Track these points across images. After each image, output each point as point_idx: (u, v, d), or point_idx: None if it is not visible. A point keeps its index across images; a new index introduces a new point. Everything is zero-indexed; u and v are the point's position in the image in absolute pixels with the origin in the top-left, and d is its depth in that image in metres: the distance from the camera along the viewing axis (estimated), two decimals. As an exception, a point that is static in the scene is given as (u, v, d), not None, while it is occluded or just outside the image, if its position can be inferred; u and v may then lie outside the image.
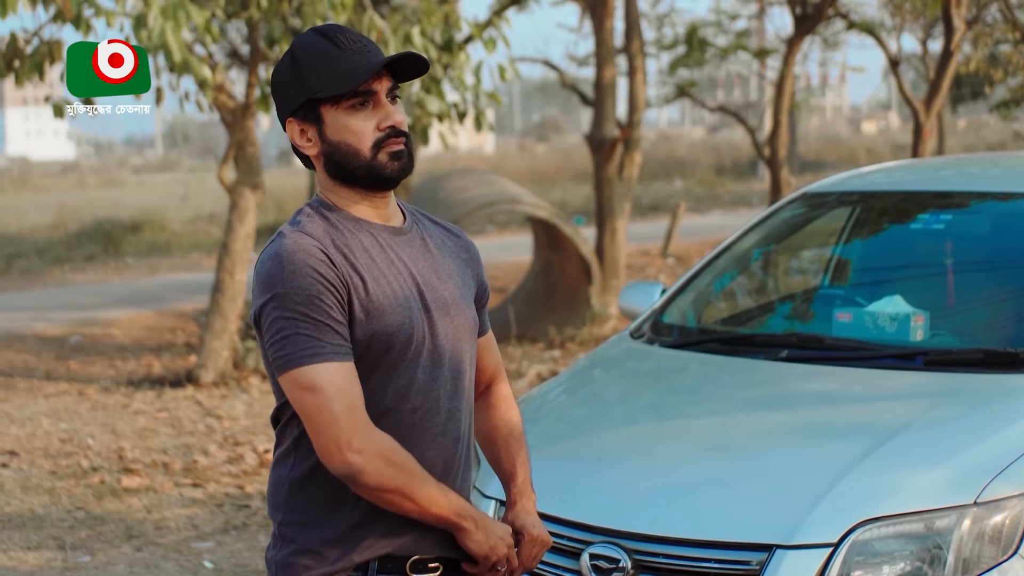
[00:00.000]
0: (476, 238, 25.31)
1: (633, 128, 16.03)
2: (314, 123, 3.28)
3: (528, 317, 15.80)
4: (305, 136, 3.31)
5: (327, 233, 3.27)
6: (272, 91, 3.37)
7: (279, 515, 3.41)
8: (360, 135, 3.25)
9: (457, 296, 3.43)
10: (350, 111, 3.25)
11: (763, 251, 6.75)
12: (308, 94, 3.25)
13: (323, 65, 3.23)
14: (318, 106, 3.26)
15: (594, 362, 5.83)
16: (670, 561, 4.14)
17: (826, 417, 4.82)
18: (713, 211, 31.21)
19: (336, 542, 3.33)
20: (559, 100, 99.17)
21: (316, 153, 3.32)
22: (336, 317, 3.19)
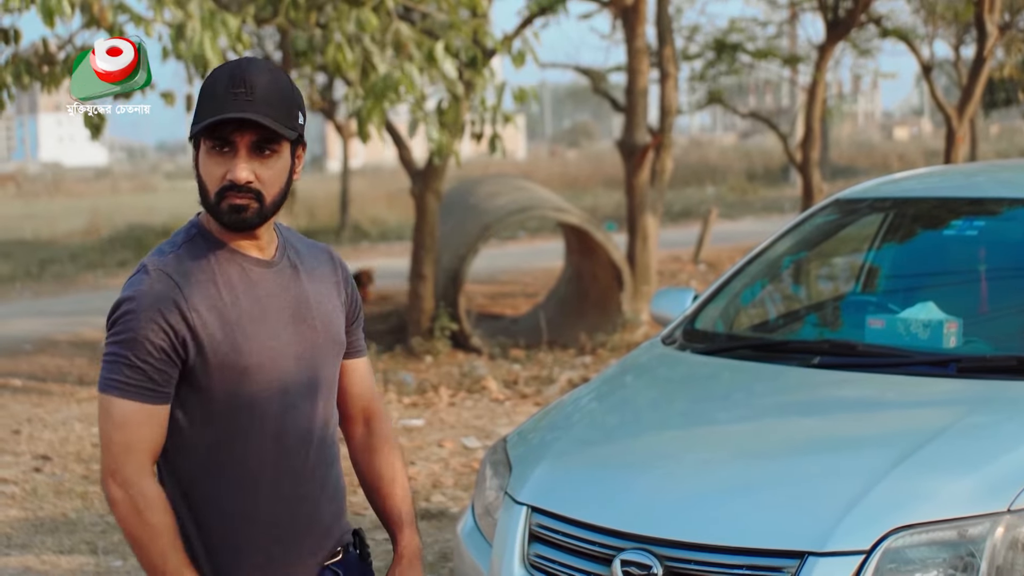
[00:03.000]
0: (507, 244, 25.35)
1: (665, 134, 16.01)
2: (196, 150, 3.31)
3: (559, 323, 15.80)
4: (196, 161, 3.33)
5: (191, 271, 3.30)
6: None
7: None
8: (210, 178, 3.27)
9: (326, 323, 3.48)
10: (210, 152, 3.26)
11: (795, 258, 6.74)
12: (193, 124, 3.28)
13: (206, 99, 3.26)
14: (201, 137, 3.28)
15: (625, 368, 5.82)
16: (702, 568, 4.13)
17: (858, 424, 4.80)
18: (745, 217, 31.14)
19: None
20: (590, 106, 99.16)
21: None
22: (157, 362, 3.24)
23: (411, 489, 8.72)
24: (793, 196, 31.85)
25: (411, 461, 10.16)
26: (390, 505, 3.83)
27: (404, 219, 28.92)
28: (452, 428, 11.30)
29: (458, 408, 12.14)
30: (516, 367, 13.90)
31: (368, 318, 17.28)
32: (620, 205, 25.77)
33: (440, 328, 14.73)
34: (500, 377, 13.25)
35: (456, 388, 12.90)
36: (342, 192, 32.24)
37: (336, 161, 58.47)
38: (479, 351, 14.82)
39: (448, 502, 8.96)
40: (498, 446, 5.28)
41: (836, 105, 30.95)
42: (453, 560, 5.47)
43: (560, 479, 4.76)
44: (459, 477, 9.63)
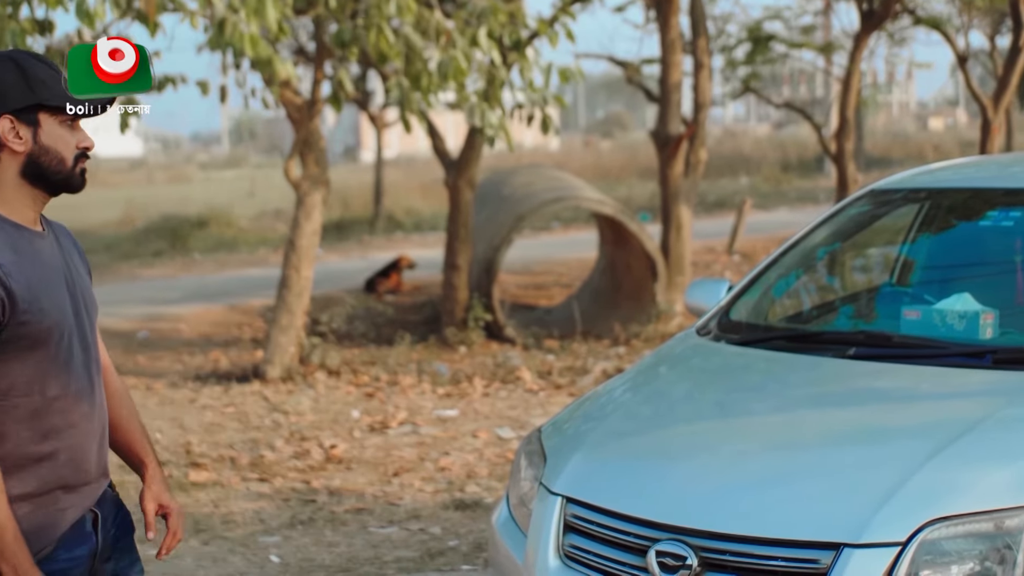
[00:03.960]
0: (541, 234, 25.36)
1: (699, 125, 15.99)
2: (31, 125, 3.59)
3: (593, 314, 15.80)
4: (16, 133, 3.59)
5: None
6: None
7: None
8: (68, 147, 3.66)
9: (89, 290, 3.88)
10: (62, 125, 3.65)
11: (830, 249, 6.72)
12: (37, 100, 3.59)
13: (51, 80, 3.63)
14: (38, 112, 3.60)
15: (660, 359, 5.82)
16: (737, 559, 4.13)
17: (894, 415, 4.79)
18: (779, 208, 31.07)
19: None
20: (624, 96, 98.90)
21: (22, 151, 3.60)
22: None
23: (446, 480, 8.75)
24: (827, 187, 31.76)
25: (445, 451, 10.19)
26: (134, 444, 4.13)
27: (438, 209, 28.93)
28: (486, 418, 11.32)
29: (492, 398, 12.16)
30: (550, 357, 13.91)
31: (402, 308, 17.34)
32: (654, 195, 25.77)
33: (474, 318, 14.74)
34: (534, 367, 13.26)
35: (490, 378, 12.92)
36: (376, 182, 32.26)
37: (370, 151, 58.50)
38: (513, 341, 14.83)
39: (482, 492, 8.98)
40: (533, 436, 5.29)
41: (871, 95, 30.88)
42: (488, 550, 5.48)
43: (595, 470, 4.76)
44: (493, 467, 9.64)
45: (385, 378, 13.09)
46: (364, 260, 22.71)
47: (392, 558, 7.65)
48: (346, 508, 8.77)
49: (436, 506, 8.73)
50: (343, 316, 15.77)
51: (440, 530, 8.19)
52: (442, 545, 7.85)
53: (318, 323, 15.10)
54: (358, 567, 7.52)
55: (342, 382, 12.98)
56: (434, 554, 7.69)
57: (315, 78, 13.35)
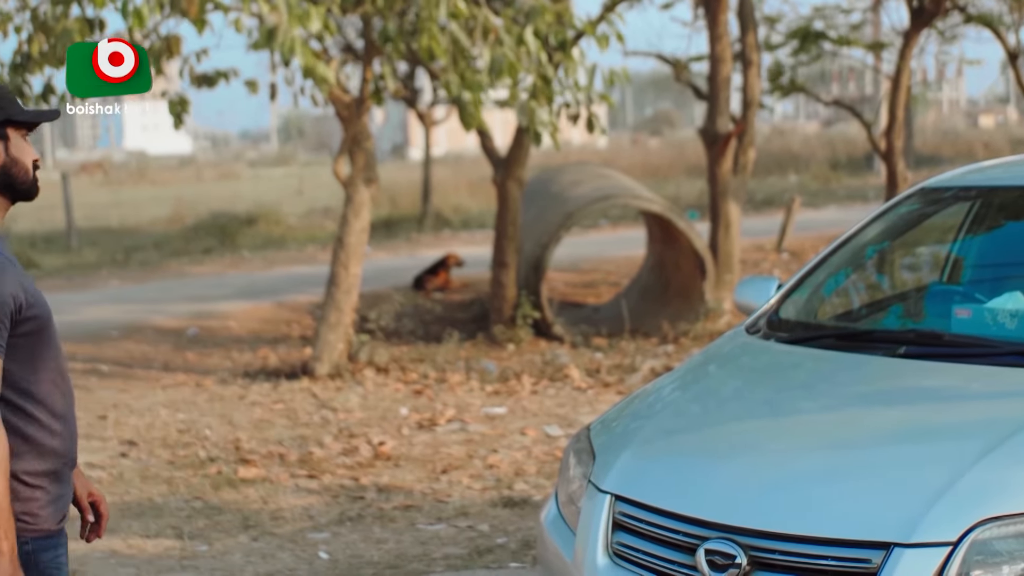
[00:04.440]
0: (589, 232, 25.34)
1: (748, 122, 15.94)
2: (2, 139, 3.92)
3: (641, 312, 15.77)
4: None
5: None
6: None
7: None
8: (28, 158, 3.98)
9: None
10: (23, 139, 3.98)
11: (879, 247, 6.69)
12: (6, 115, 3.92)
13: (11, 98, 3.95)
14: (6, 127, 3.93)
15: (709, 357, 5.81)
16: (787, 558, 4.12)
17: (945, 414, 4.77)
18: (828, 206, 30.92)
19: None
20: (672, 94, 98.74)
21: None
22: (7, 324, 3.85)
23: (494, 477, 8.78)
24: (877, 185, 31.60)
25: (493, 449, 10.20)
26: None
27: (486, 207, 28.93)
28: (534, 416, 11.32)
29: (540, 396, 12.16)
30: (598, 355, 13.90)
31: (450, 306, 17.35)
32: (702, 193, 25.70)
33: (522, 316, 14.75)
34: (582, 365, 13.26)
35: (538, 376, 12.92)
36: (424, 180, 32.27)
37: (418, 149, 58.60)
38: (561, 339, 14.83)
39: (531, 490, 8.99)
40: (582, 434, 5.29)
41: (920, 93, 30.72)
42: (536, 548, 5.49)
43: (644, 468, 4.77)
44: (541, 465, 9.65)
45: (433, 375, 13.11)
46: (412, 258, 22.74)
47: (440, 555, 7.67)
48: (394, 505, 8.80)
49: (484, 503, 8.74)
50: (391, 313, 15.80)
51: (488, 527, 8.20)
52: (490, 542, 7.86)
53: (367, 320, 15.13)
54: (406, 564, 7.54)
55: (391, 379, 13.00)
56: (482, 551, 7.70)
57: (363, 76, 13.37)
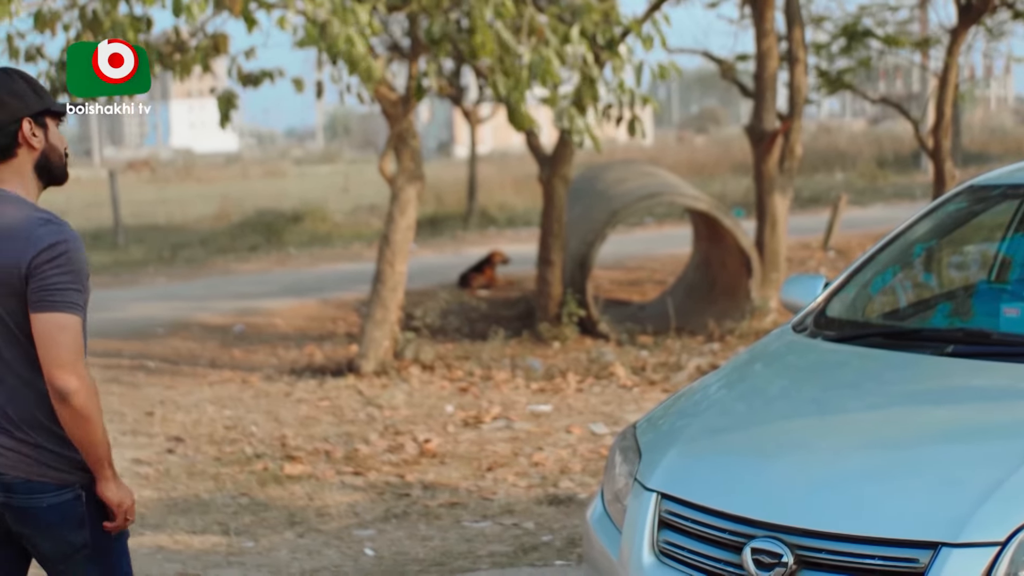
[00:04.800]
0: (635, 230, 25.32)
1: (794, 120, 15.89)
2: (42, 127, 4.25)
3: (687, 310, 15.74)
4: (34, 134, 4.24)
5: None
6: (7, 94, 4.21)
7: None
8: (61, 145, 4.35)
9: None
10: (58, 127, 4.34)
11: (927, 245, 6.66)
12: (45, 106, 4.25)
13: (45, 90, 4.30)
14: (45, 116, 4.27)
15: (755, 355, 5.79)
16: (833, 557, 4.11)
17: (993, 413, 4.74)
18: (875, 204, 30.80)
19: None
20: (718, 91, 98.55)
21: (38, 149, 4.26)
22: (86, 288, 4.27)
23: (540, 475, 8.79)
24: (924, 183, 31.45)
25: (539, 446, 10.20)
26: None
27: (531, 205, 28.94)
28: (580, 414, 11.32)
29: (586, 394, 12.15)
30: (644, 353, 13.88)
31: (495, 304, 17.37)
32: (748, 191, 25.63)
33: (568, 314, 14.74)
34: (628, 363, 13.24)
35: (584, 374, 12.92)
36: (469, 178, 32.30)
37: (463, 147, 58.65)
38: (607, 337, 14.81)
39: (576, 488, 8.98)
40: (627, 432, 5.28)
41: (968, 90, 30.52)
42: (582, 546, 5.49)
43: (690, 466, 4.76)
44: (587, 463, 9.64)
45: (479, 373, 13.12)
46: (457, 255, 22.77)
47: (486, 552, 7.67)
48: (440, 502, 8.81)
49: (530, 501, 8.74)
50: (437, 311, 15.81)
51: (534, 525, 8.20)
52: (536, 540, 7.86)
53: (412, 318, 15.15)
54: (451, 561, 7.55)
55: (436, 377, 13.02)
56: (528, 549, 7.70)
57: (409, 74, 13.39)
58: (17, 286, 4.09)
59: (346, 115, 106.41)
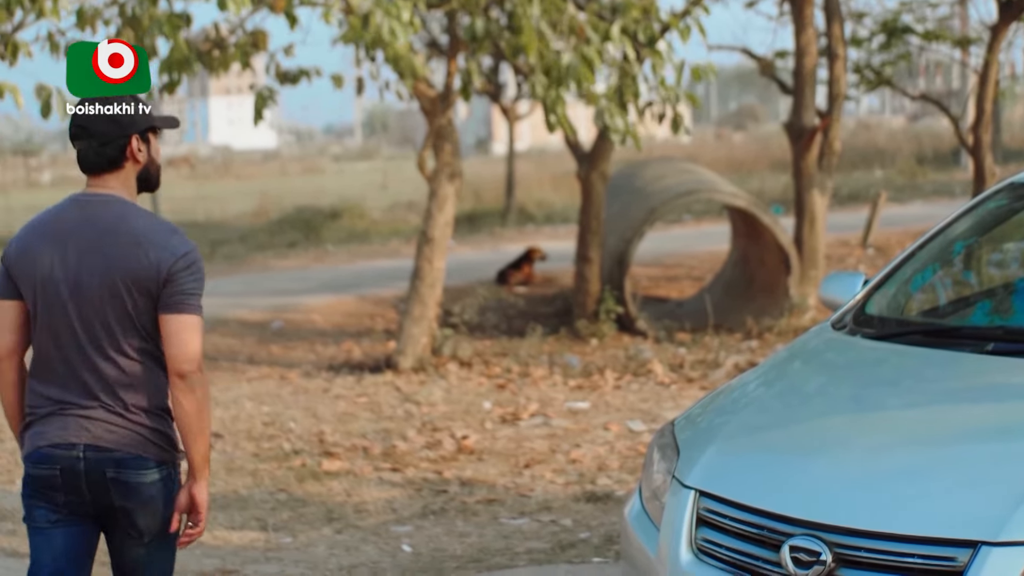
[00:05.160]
0: (673, 227, 25.28)
1: (833, 116, 15.84)
2: (145, 143, 4.67)
3: (725, 307, 15.72)
4: (140, 149, 4.65)
5: None
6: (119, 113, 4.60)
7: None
8: (159, 156, 4.82)
9: None
10: (156, 141, 4.75)
11: (967, 243, 6.63)
12: (150, 124, 4.66)
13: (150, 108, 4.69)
14: (148, 132, 4.67)
15: (794, 353, 5.77)
16: (872, 555, 4.09)
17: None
18: (914, 201, 30.70)
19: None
20: (756, 88, 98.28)
21: (143, 163, 4.69)
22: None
23: (577, 472, 8.79)
24: (964, 180, 31.33)
25: (576, 443, 10.20)
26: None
27: (570, 202, 28.92)
28: (617, 411, 11.32)
29: (623, 391, 12.15)
30: (682, 351, 13.86)
31: (533, 300, 17.37)
32: (787, 188, 25.58)
33: (605, 311, 14.73)
34: (666, 361, 13.23)
35: (621, 371, 12.91)
36: (508, 175, 32.31)
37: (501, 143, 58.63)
38: (644, 334, 14.80)
39: (613, 485, 8.98)
40: (666, 430, 5.28)
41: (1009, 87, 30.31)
42: (620, 543, 5.48)
43: (728, 463, 4.75)
44: (624, 460, 9.64)
45: (516, 370, 13.13)
46: (496, 252, 22.77)
47: (523, 549, 7.67)
48: (477, 499, 8.81)
49: (567, 498, 8.74)
50: (475, 308, 15.83)
51: (571, 522, 8.20)
52: (573, 537, 7.86)
53: (450, 314, 15.17)
54: (489, 558, 7.55)
55: (474, 373, 13.03)
56: (565, 546, 7.69)
57: (448, 71, 13.41)
58: (151, 288, 4.53)
59: (384, 112, 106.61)
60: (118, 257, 4.53)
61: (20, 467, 4.91)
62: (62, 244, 4.59)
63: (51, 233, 4.65)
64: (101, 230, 4.57)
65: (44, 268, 4.59)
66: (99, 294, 4.54)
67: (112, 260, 4.53)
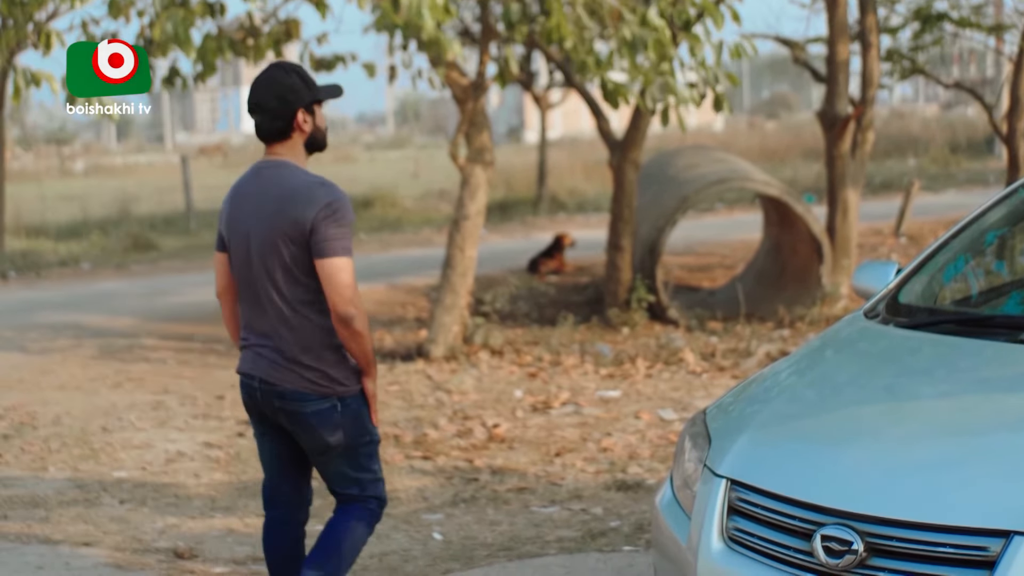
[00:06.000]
0: (705, 216, 25.24)
1: (867, 105, 15.79)
2: (311, 114, 5.44)
3: (757, 296, 15.69)
4: (305, 120, 5.42)
5: None
6: (286, 91, 5.36)
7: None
8: (324, 123, 5.57)
9: None
10: (320, 110, 5.51)
11: (1000, 232, 6.59)
12: (315, 96, 5.43)
13: (314, 81, 5.47)
14: (313, 104, 5.44)
15: (826, 342, 5.76)
16: (904, 545, 4.08)
17: (1067, 401, 4.69)
18: (947, 190, 30.60)
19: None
20: (789, 77, 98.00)
21: (308, 131, 5.45)
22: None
23: (608, 460, 8.78)
24: (998, 168, 31.22)
25: (607, 432, 10.20)
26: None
27: (601, 190, 28.92)
28: (649, 400, 11.30)
29: (655, 380, 12.13)
30: (713, 339, 13.84)
31: (564, 289, 17.36)
32: (819, 177, 25.52)
33: (637, 299, 14.72)
34: (697, 349, 13.21)
35: (653, 360, 12.89)
36: (539, 163, 32.30)
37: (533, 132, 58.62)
38: (676, 323, 14.78)
39: (645, 473, 8.97)
40: (697, 418, 5.27)
41: (1043, 75, 30.14)
42: (651, 532, 5.48)
43: (760, 453, 4.74)
44: (656, 449, 9.63)
45: (548, 358, 13.12)
46: (527, 240, 22.78)
47: (554, 538, 7.67)
48: (508, 487, 8.82)
49: (598, 486, 8.73)
50: (506, 296, 15.83)
51: (602, 511, 8.20)
52: (604, 526, 7.86)
53: (482, 303, 15.17)
54: (520, 546, 7.55)
55: (505, 362, 13.03)
56: (596, 535, 7.69)
57: (480, 59, 13.40)
58: (301, 238, 5.27)
59: (416, 100, 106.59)
60: (277, 213, 5.30)
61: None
62: (243, 205, 5.44)
63: (239, 196, 5.50)
64: (268, 191, 5.37)
65: (233, 226, 5.47)
66: (267, 248, 5.33)
67: (273, 217, 5.31)
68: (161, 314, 16.62)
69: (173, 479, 9.18)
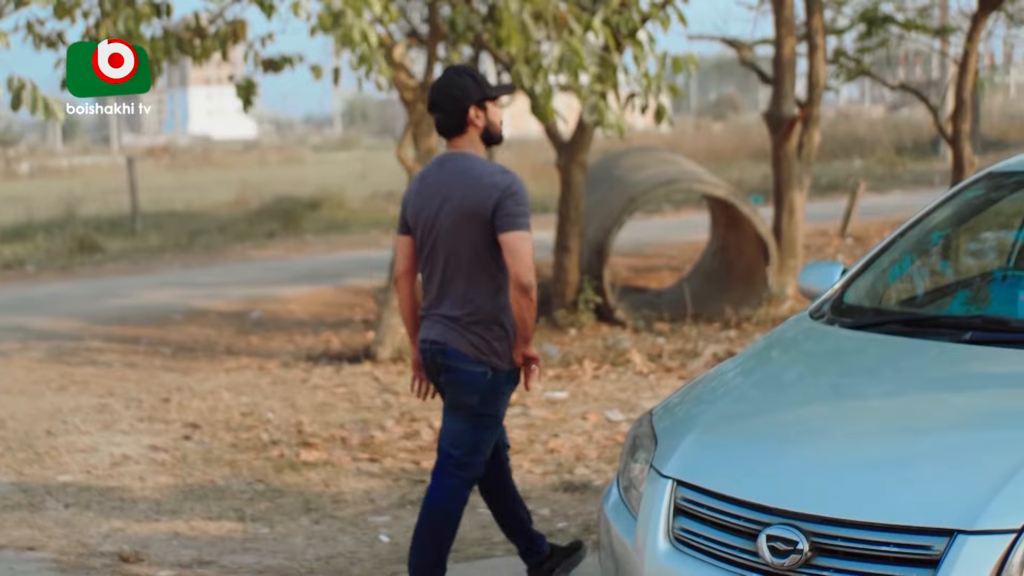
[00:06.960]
0: (652, 217, 25.28)
1: (813, 106, 15.85)
2: (482, 110, 6.08)
3: (704, 296, 15.72)
4: (477, 115, 6.07)
5: None
6: (457, 89, 6.03)
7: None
8: (498, 119, 6.17)
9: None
10: (493, 106, 6.13)
11: (945, 232, 6.63)
12: (485, 94, 6.07)
13: (486, 79, 6.11)
14: (484, 101, 6.07)
15: (773, 342, 5.78)
16: (849, 544, 4.09)
17: (1011, 400, 4.71)
18: (893, 190, 30.76)
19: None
20: (736, 78, 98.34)
21: (481, 126, 6.09)
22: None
23: (555, 461, 8.81)
24: (943, 169, 31.38)
25: (555, 433, 10.19)
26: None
27: (549, 191, 28.88)
28: (596, 401, 11.31)
29: (602, 381, 12.14)
30: (660, 340, 13.86)
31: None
32: (766, 178, 25.58)
33: (584, 301, 14.73)
34: (644, 350, 13.22)
35: (600, 361, 12.90)
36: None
37: (481, 133, 58.45)
38: (623, 324, 14.80)
39: (591, 475, 8.98)
40: (644, 419, 5.28)
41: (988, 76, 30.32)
42: (597, 533, 5.48)
43: (706, 453, 4.74)
44: (603, 450, 9.63)
45: (495, 359, 13.10)
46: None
47: (500, 539, 7.66)
48: (456, 489, 8.79)
49: (545, 488, 8.73)
50: (454, 297, 15.78)
51: (549, 512, 8.19)
52: (551, 527, 7.86)
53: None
54: (467, 548, 7.54)
55: (452, 363, 12.99)
56: (543, 536, 7.68)
57: (428, 61, 13.38)
58: (484, 219, 5.94)
59: (364, 102, 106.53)
60: (461, 198, 5.97)
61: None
62: (430, 193, 6.09)
63: (425, 185, 6.14)
64: (453, 179, 6.03)
65: (420, 211, 6.11)
66: (451, 229, 6.01)
67: (458, 202, 5.98)
68: (107, 317, 16.53)
69: (118, 482, 9.13)
